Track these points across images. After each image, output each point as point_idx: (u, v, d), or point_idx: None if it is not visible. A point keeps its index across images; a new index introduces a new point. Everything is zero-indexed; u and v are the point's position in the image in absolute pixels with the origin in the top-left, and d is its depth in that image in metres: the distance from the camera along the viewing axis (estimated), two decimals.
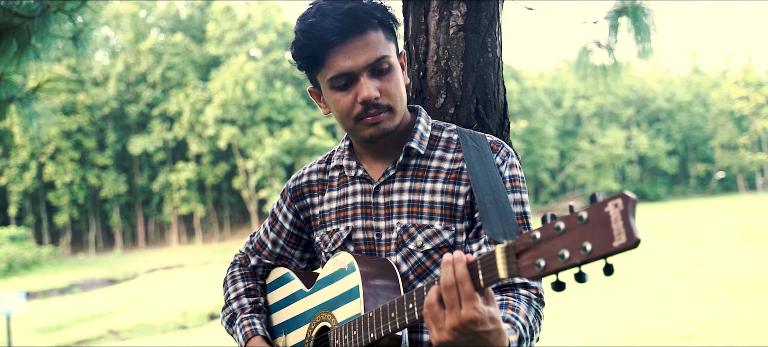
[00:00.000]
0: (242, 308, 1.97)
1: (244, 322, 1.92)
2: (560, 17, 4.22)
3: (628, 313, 13.20)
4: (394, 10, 1.74)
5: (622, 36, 4.36)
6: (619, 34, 4.37)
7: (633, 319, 12.48)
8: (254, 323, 1.91)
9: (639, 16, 4.21)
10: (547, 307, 8.05)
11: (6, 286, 32.69)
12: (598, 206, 1.11)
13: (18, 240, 43.43)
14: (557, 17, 4.22)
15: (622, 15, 4.27)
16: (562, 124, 75.60)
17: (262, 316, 1.97)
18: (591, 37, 4.57)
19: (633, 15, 4.20)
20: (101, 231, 59.06)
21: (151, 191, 58.28)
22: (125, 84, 57.83)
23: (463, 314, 1.31)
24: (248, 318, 1.92)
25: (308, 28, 1.65)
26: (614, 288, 16.89)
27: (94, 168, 55.43)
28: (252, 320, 1.92)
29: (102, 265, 43.14)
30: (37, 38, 4.42)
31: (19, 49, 4.47)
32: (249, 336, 1.88)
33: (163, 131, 55.94)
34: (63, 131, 52.56)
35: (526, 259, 1.20)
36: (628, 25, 4.28)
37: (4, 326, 15.54)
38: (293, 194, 1.96)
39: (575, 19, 4.38)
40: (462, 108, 2.14)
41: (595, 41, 4.57)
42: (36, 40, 4.43)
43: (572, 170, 72.80)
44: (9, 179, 52.04)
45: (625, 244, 1.06)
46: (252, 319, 1.92)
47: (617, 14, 4.29)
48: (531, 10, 4.01)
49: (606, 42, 4.43)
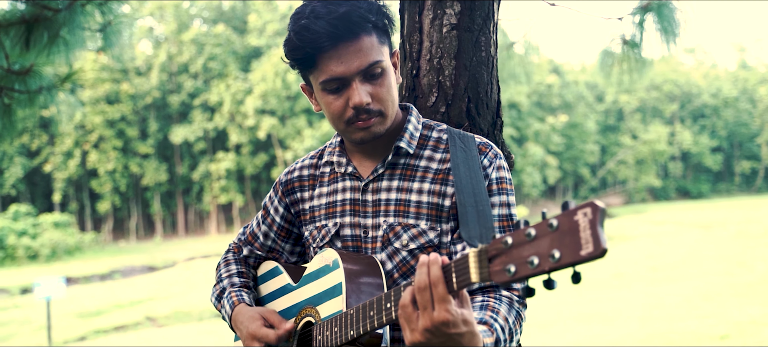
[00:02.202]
0: (232, 284, 1.99)
1: (232, 294, 1.94)
2: (584, 13, 4.17)
3: (663, 311, 13.01)
4: (389, 10, 1.74)
5: (648, 32, 4.31)
6: (645, 32, 4.32)
7: (668, 317, 12.31)
8: (242, 294, 1.94)
9: (664, 12, 4.15)
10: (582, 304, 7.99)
11: (49, 271, 33.40)
12: (568, 214, 1.11)
13: (61, 227, 44.30)
14: (581, 13, 4.18)
15: (647, 12, 4.21)
16: (603, 119, 74.67)
17: (251, 293, 1.98)
18: (616, 34, 4.53)
19: (658, 12, 4.14)
20: (142, 219, 59.96)
21: (191, 181, 58.97)
22: (167, 74, 58.52)
23: (436, 316, 1.32)
24: (237, 291, 1.95)
25: (301, 30, 1.64)
26: (652, 286, 16.69)
27: (136, 157, 56.28)
28: (240, 292, 1.94)
29: (142, 252, 43.81)
30: (67, 30, 4.51)
31: (49, 40, 4.57)
32: (235, 304, 1.90)
33: (204, 121, 56.53)
34: (106, 120, 53.43)
35: (498, 264, 1.21)
36: (654, 22, 4.22)
37: (45, 310, 15.90)
38: (285, 188, 1.98)
39: (599, 16, 4.34)
40: (453, 107, 2.14)
41: (620, 37, 4.52)
42: (65, 32, 4.52)
43: (613, 165, 71.91)
44: (54, 167, 53.08)
45: (592, 253, 1.07)
46: (240, 292, 1.95)
47: (642, 11, 4.24)
48: (553, 5, 3.98)
49: (630, 38, 4.38)
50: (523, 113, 61.96)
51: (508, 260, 1.19)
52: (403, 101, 2.25)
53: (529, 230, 1.17)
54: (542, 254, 1.14)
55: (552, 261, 1.12)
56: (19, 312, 21.72)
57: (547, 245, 1.13)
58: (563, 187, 72.53)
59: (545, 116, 65.37)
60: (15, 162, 51.79)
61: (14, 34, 4.65)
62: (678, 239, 28.40)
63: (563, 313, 13.88)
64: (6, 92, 4.52)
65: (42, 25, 4.55)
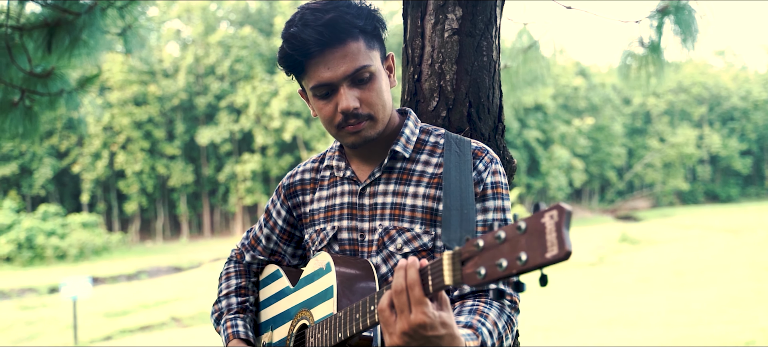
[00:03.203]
0: (229, 307, 2.02)
1: (227, 323, 1.97)
2: (601, 17, 4.14)
3: (688, 316, 12.88)
4: (379, 14, 1.75)
5: (666, 36, 4.27)
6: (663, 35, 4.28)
7: (692, 322, 12.18)
8: (237, 324, 1.96)
9: (682, 15, 4.11)
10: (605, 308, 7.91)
11: (77, 271, 33.78)
12: (536, 216, 1.11)
13: (89, 227, 44.82)
14: (598, 17, 4.15)
15: (665, 15, 4.17)
16: (631, 121, 74.05)
17: (247, 316, 2.01)
18: (634, 37, 4.49)
19: (676, 14, 4.10)
20: (168, 220, 60.47)
21: (217, 182, 59.38)
22: (194, 76, 59.00)
23: (412, 318, 1.33)
24: (232, 319, 1.97)
25: (290, 37, 1.69)
26: (677, 290, 16.52)
27: (162, 158, 56.78)
28: (235, 321, 1.97)
29: (168, 253, 44.18)
30: (87, 33, 4.57)
31: (71, 43, 4.63)
32: (230, 338, 1.93)
33: (230, 123, 56.90)
34: (134, 122, 53.98)
35: (470, 267, 1.22)
36: (671, 25, 4.18)
37: (71, 310, 16.10)
38: (287, 192, 2.01)
39: (617, 19, 4.30)
40: (454, 111, 2.15)
41: (638, 40, 4.48)
42: (86, 35, 4.59)
43: (640, 168, 71.27)
44: (82, 168, 53.71)
45: (557, 255, 1.07)
46: (235, 320, 1.97)
47: (660, 14, 4.20)
48: (569, 9, 3.96)
49: (649, 42, 4.34)
50: (548, 116, 61.64)
51: (479, 262, 1.20)
52: (405, 106, 2.27)
53: (499, 233, 1.17)
54: (510, 257, 1.14)
55: (519, 263, 1.12)
56: (47, 311, 21.99)
57: (516, 248, 1.14)
58: (589, 190, 72.03)
59: (571, 119, 64.97)
60: (44, 163, 52.51)
61: (37, 37, 4.73)
62: (705, 243, 28.09)
63: (586, 317, 13.79)
64: (28, 95, 4.59)
65: (63, 28, 4.61)
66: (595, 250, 29.13)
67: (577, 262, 25.91)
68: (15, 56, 4.61)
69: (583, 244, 31.78)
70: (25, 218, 42.70)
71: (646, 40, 4.37)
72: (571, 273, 23.16)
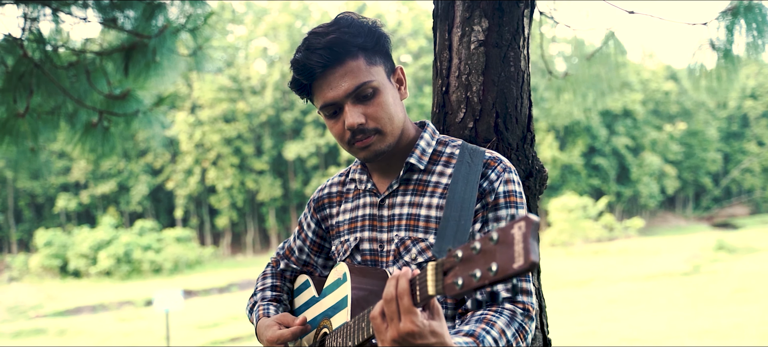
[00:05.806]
0: (263, 298, 2.10)
1: (260, 309, 2.05)
2: (667, 20, 4.04)
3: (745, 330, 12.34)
4: (381, 29, 1.80)
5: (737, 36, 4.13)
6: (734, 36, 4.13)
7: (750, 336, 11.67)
8: (269, 308, 2.04)
9: (753, 14, 3.97)
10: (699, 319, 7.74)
11: (171, 284, 34.92)
12: (507, 227, 1.14)
13: (183, 241, 46.31)
14: (663, 20, 4.05)
15: (736, 15, 4.04)
16: (726, 125, 71.34)
17: (280, 306, 2.08)
18: (704, 39, 4.35)
19: (745, 15, 3.97)
20: (258, 233, 61.74)
21: (304, 195, 60.30)
22: (281, 92, 60.19)
23: (402, 327, 1.36)
24: (265, 306, 2.05)
25: (296, 63, 1.76)
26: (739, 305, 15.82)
27: (251, 173, 58.07)
28: (267, 307, 2.04)
29: (258, 266, 45.09)
30: (160, 55, 4.77)
31: (146, 66, 4.84)
32: (260, 316, 2.00)
33: (316, 137, 57.73)
34: (224, 138, 55.43)
35: (450, 277, 1.24)
36: (742, 25, 4.04)
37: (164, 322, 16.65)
38: (316, 205, 2.08)
39: (684, 21, 4.19)
40: (481, 122, 2.16)
41: (708, 42, 4.35)
42: (159, 56, 4.78)
43: (738, 174, 68.54)
44: (176, 184, 55.51)
45: (522, 266, 1.09)
46: (268, 307, 2.05)
47: (730, 15, 4.06)
48: (632, 13, 3.88)
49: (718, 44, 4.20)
50: (638, 122, 60.02)
51: (458, 273, 1.22)
52: (435, 117, 2.31)
53: (475, 244, 1.19)
54: (483, 267, 1.16)
55: (491, 274, 1.14)
56: (143, 323, 22.83)
57: (488, 259, 1.15)
58: (683, 197, 69.76)
59: (662, 124, 63.11)
60: (140, 180, 54.54)
61: (116, 59, 4.96)
62: None
63: (677, 328, 13.37)
64: (105, 116, 4.81)
65: (139, 51, 4.82)
66: (689, 259, 28.21)
67: (670, 272, 25.15)
68: (93, 80, 4.84)
69: (676, 253, 30.82)
70: (123, 234, 44.47)
71: (717, 42, 4.23)
72: (664, 283, 22.49)
